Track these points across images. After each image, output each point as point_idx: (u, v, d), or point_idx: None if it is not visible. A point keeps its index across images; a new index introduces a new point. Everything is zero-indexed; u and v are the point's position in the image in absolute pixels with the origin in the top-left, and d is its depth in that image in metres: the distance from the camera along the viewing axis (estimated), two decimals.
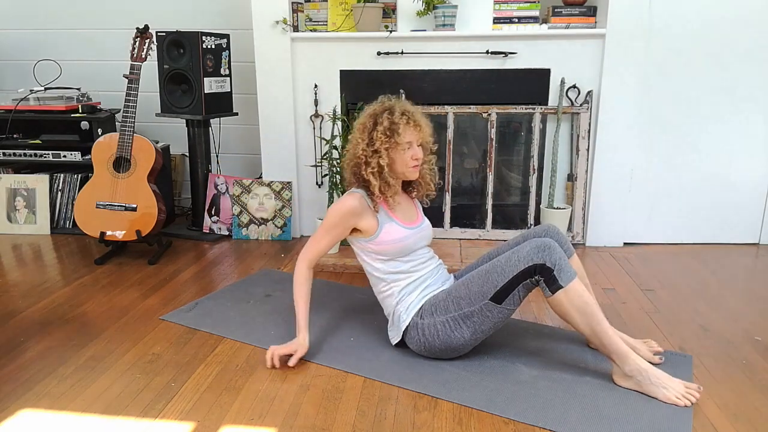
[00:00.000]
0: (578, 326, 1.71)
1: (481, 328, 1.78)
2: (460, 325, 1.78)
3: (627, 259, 2.90)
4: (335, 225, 1.86)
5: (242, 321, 2.17)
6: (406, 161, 1.84)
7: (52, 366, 1.85)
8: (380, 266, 1.90)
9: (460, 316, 1.78)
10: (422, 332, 1.82)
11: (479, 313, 1.76)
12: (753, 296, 2.43)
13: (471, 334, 1.79)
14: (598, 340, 1.70)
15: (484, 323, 1.77)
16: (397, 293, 1.89)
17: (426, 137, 1.88)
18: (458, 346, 1.81)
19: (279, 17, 2.96)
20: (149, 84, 3.53)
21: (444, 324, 1.79)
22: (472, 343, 1.82)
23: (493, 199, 3.08)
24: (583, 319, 1.68)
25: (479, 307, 1.75)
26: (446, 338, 1.80)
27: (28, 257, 2.91)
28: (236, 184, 3.20)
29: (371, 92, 3.06)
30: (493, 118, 2.99)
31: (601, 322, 1.69)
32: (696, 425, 1.55)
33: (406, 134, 1.81)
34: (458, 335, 1.79)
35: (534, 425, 1.54)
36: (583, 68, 2.94)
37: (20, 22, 3.66)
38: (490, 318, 1.76)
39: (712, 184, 3.05)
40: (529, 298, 2.40)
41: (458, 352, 1.84)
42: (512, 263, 1.72)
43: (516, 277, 1.70)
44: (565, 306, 1.68)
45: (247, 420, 1.57)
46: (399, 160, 1.84)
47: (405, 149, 1.82)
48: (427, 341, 1.82)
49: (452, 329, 1.79)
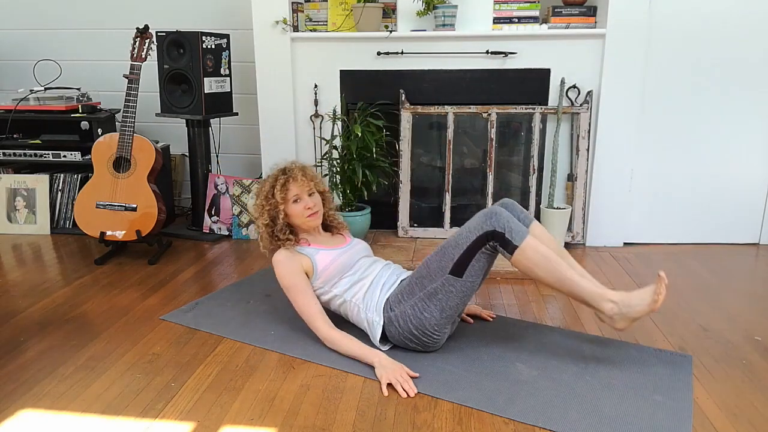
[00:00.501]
0: (545, 280, 1.76)
1: (448, 304, 1.82)
2: (428, 305, 1.82)
3: (627, 259, 2.90)
4: (297, 282, 1.95)
5: (242, 321, 2.17)
6: (300, 212, 2.01)
7: (52, 366, 1.85)
8: (337, 291, 1.99)
9: (425, 295, 1.83)
10: (397, 323, 1.86)
11: (442, 289, 1.81)
12: (753, 296, 2.43)
13: (440, 312, 1.82)
14: (567, 290, 1.75)
15: (449, 299, 1.82)
16: (361, 302, 1.95)
17: (312, 187, 2.06)
18: (433, 327, 1.83)
19: (279, 17, 2.96)
20: (149, 84, 3.53)
21: (413, 307, 1.84)
22: (445, 322, 1.84)
23: (493, 199, 3.08)
24: (546, 273, 1.74)
25: (441, 283, 1.81)
26: (419, 321, 1.83)
27: (28, 257, 2.91)
28: (236, 184, 3.20)
29: (371, 92, 3.08)
30: (493, 118, 2.99)
31: (565, 271, 1.74)
32: (696, 425, 1.55)
33: (292, 189, 2.01)
34: (428, 315, 1.82)
35: (534, 425, 1.54)
36: (583, 68, 2.94)
37: (20, 22, 3.66)
38: (455, 293, 1.81)
39: (712, 184, 3.05)
40: (529, 298, 2.40)
41: (437, 336, 1.86)
42: (464, 236, 1.80)
43: (470, 248, 1.77)
44: (525, 263, 1.75)
45: (247, 420, 1.58)
46: (294, 213, 2.02)
47: (296, 202, 2.01)
48: (404, 330, 1.86)
49: (421, 311, 1.83)
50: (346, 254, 2.03)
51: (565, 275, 1.74)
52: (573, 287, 1.75)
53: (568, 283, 1.74)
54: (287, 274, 1.96)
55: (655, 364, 1.85)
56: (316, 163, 3.17)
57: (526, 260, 1.74)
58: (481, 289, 2.49)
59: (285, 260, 1.97)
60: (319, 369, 1.83)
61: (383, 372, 1.74)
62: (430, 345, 1.89)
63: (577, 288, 1.74)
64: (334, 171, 2.95)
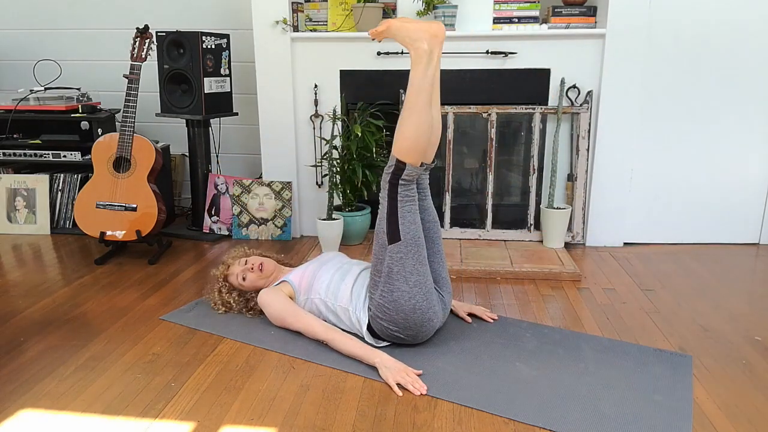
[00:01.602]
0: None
1: (406, 270, 1.82)
2: (391, 284, 1.83)
3: (627, 259, 2.90)
4: (285, 307, 2.03)
5: (242, 321, 2.17)
6: (254, 277, 2.19)
7: (52, 366, 1.85)
8: (321, 296, 2.03)
9: (384, 279, 1.84)
10: (379, 319, 1.87)
11: (393, 262, 1.83)
12: (753, 296, 2.43)
13: (405, 282, 1.82)
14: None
15: (405, 265, 1.82)
16: (349, 304, 1.96)
17: (242, 256, 2.28)
18: (409, 305, 1.82)
19: (279, 17, 2.96)
20: (149, 84, 3.54)
21: (381, 296, 1.85)
22: (418, 291, 1.83)
23: (493, 199, 3.08)
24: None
25: (389, 258, 1.83)
26: (393, 305, 1.83)
27: (28, 257, 2.91)
28: (236, 184, 3.20)
29: (371, 92, 3.09)
30: (493, 118, 2.99)
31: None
32: (696, 425, 1.55)
33: (234, 273, 2.23)
34: (397, 294, 1.82)
35: (534, 425, 1.54)
36: (583, 68, 2.94)
37: (20, 22, 3.66)
38: (405, 256, 1.82)
39: (711, 184, 3.05)
40: (529, 298, 2.40)
41: (419, 316, 1.84)
42: (380, 208, 1.86)
43: (389, 208, 1.82)
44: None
45: (247, 420, 1.58)
46: (250, 279, 2.20)
47: (244, 279, 2.20)
48: (387, 323, 1.86)
49: (390, 292, 1.83)
50: (313, 264, 2.15)
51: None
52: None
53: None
54: (274, 303, 2.04)
55: (655, 364, 1.85)
56: (316, 162, 3.17)
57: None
58: (480, 289, 2.49)
59: (269, 296, 2.07)
60: (319, 369, 1.83)
61: (389, 373, 1.74)
62: (418, 331, 1.86)
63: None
64: (334, 171, 2.95)
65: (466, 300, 2.37)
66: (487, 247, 2.97)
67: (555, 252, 2.90)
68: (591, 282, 2.59)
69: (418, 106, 1.78)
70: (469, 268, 2.65)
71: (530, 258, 2.80)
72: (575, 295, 2.43)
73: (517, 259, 2.78)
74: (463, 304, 2.24)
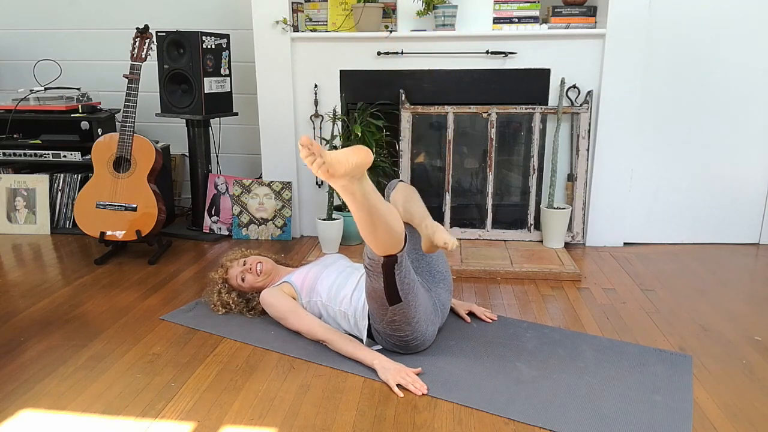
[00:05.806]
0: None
1: (411, 318, 1.78)
2: (395, 328, 1.81)
3: (627, 259, 2.90)
4: (287, 305, 2.03)
5: (242, 321, 2.17)
6: (252, 279, 2.22)
7: (52, 366, 1.85)
8: (323, 299, 2.02)
9: (387, 323, 1.81)
10: (380, 335, 1.88)
11: (396, 317, 1.78)
12: (753, 296, 2.43)
13: (409, 325, 1.80)
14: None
15: (408, 315, 1.77)
16: (349, 308, 1.95)
17: (239, 257, 2.30)
18: (414, 338, 1.84)
19: (279, 17, 2.96)
20: (149, 84, 3.53)
21: (384, 329, 1.84)
22: (421, 325, 1.82)
23: (493, 199, 3.08)
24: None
25: (390, 313, 1.77)
26: (397, 339, 1.84)
27: (28, 257, 2.91)
28: (236, 184, 3.20)
29: (371, 92, 3.09)
30: (493, 118, 2.99)
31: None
32: (696, 425, 1.55)
33: (233, 274, 2.25)
34: (401, 333, 1.82)
35: (534, 425, 1.54)
36: (583, 68, 2.94)
37: (20, 22, 3.66)
38: (409, 310, 1.77)
39: (711, 184, 3.05)
40: (529, 298, 2.40)
41: (422, 339, 1.86)
42: (371, 280, 1.75)
43: (387, 286, 1.71)
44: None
45: (247, 420, 1.58)
46: (249, 281, 2.23)
47: (243, 280, 2.23)
48: (389, 343, 1.88)
49: (394, 331, 1.83)
50: (315, 266, 2.13)
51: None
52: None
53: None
54: (277, 303, 2.05)
55: (655, 364, 1.85)
56: None
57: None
58: (480, 289, 2.49)
59: (272, 296, 2.08)
60: (319, 369, 1.83)
61: (388, 374, 1.74)
62: (420, 346, 1.89)
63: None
64: None
65: (465, 300, 2.37)
66: (487, 247, 2.97)
67: (555, 252, 2.90)
68: (591, 282, 2.59)
69: (377, 221, 1.58)
70: (469, 268, 2.65)
71: (530, 258, 2.80)
72: (575, 295, 2.43)
73: (517, 259, 2.78)
74: (463, 303, 2.24)
